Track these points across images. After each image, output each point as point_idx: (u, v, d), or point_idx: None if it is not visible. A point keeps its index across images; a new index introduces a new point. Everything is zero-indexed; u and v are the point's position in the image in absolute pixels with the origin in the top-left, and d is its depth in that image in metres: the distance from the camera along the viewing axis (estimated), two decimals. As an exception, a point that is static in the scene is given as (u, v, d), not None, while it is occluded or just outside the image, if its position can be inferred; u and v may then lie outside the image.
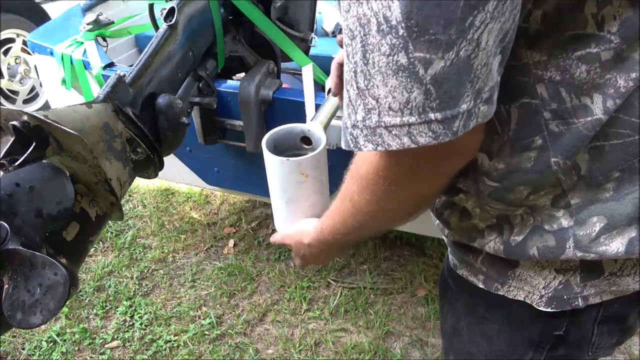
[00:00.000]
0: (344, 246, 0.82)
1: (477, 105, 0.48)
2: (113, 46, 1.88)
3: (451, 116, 0.47)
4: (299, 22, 1.54)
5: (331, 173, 0.96)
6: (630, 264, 0.63)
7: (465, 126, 0.48)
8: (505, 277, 0.70)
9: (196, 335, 1.81)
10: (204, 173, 1.74)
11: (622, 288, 0.65)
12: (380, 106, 0.48)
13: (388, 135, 0.49)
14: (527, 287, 0.69)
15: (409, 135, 0.48)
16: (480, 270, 0.73)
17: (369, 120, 0.49)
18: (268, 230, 2.27)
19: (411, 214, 0.66)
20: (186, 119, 1.05)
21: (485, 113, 0.50)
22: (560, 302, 0.67)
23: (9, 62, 3.03)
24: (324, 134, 0.91)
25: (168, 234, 2.27)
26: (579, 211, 0.60)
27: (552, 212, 0.62)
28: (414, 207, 0.64)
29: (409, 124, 0.48)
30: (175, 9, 1.10)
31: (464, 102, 0.47)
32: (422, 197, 0.62)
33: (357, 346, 1.76)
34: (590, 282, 0.65)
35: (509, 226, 0.65)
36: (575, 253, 0.61)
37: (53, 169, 0.68)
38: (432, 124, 0.47)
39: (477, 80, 0.47)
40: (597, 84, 0.53)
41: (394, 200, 0.60)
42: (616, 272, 0.64)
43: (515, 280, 0.69)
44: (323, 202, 0.94)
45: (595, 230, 0.60)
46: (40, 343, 1.79)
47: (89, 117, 0.75)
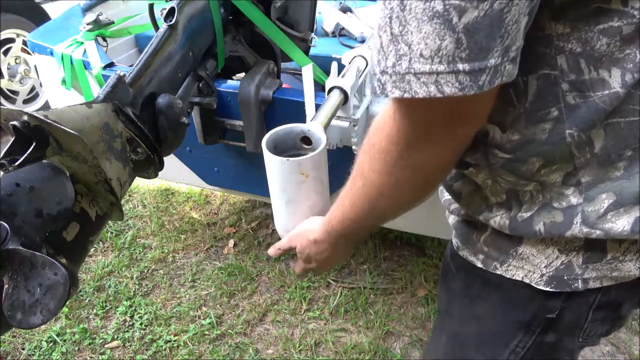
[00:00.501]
0: (351, 240, 0.80)
1: (504, 63, 0.48)
2: (113, 46, 1.88)
3: (479, 69, 0.47)
4: (299, 22, 1.54)
5: (331, 173, 0.96)
6: (634, 249, 0.64)
7: (490, 82, 0.48)
8: (506, 256, 0.71)
9: (196, 335, 1.81)
10: (204, 173, 1.74)
11: (624, 274, 0.65)
12: (412, 52, 0.48)
13: (416, 82, 0.49)
14: (527, 265, 0.70)
15: (436, 83, 0.48)
16: (482, 249, 0.74)
17: (399, 66, 0.50)
18: (268, 230, 2.27)
19: (422, 191, 0.65)
20: (186, 119, 1.05)
21: (510, 72, 0.50)
22: (560, 283, 0.68)
23: (9, 62, 3.03)
24: (324, 134, 0.91)
25: (168, 234, 2.27)
26: (589, 189, 0.61)
27: (562, 190, 0.63)
28: (425, 179, 0.63)
29: (437, 72, 0.48)
30: (175, 9, 1.10)
31: (493, 57, 0.47)
32: (433, 166, 0.61)
33: (357, 346, 1.76)
34: (593, 264, 0.66)
35: (518, 203, 0.66)
36: (582, 229, 0.62)
37: (53, 169, 0.68)
38: (459, 74, 0.47)
39: (506, 36, 0.47)
40: (616, 58, 0.53)
41: (405, 169, 0.60)
42: (619, 256, 0.65)
43: (516, 259, 0.70)
44: (323, 202, 0.93)
45: (603, 206, 0.61)
46: (40, 343, 1.79)
47: (89, 117, 0.75)
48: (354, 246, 0.85)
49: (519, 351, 0.75)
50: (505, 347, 0.76)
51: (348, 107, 1.17)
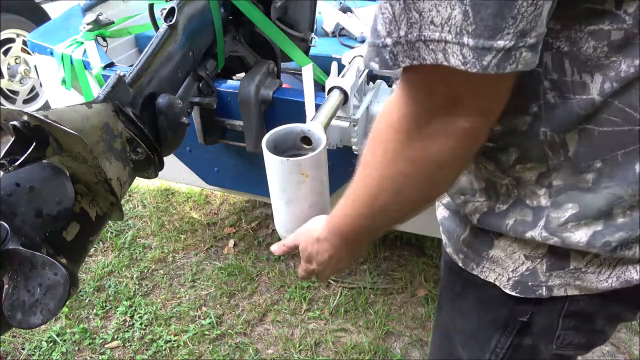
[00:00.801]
0: (353, 241, 0.75)
1: (519, 48, 0.45)
2: (113, 46, 1.88)
3: (482, 47, 0.45)
4: (299, 22, 1.54)
5: (331, 173, 0.96)
6: (597, 261, 0.64)
7: (499, 66, 0.46)
8: (480, 258, 0.72)
9: (196, 335, 1.81)
10: (204, 173, 1.74)
11: (587, 284, 0.65)
12: (423, 19, 0.47)
13: (425, 49, 0.48)
14: (498, 268, 0.70)
15: (444, 52, 0.47)
16: (461, 249, 0.75)
17: (410, 34, 0.48)
18: (268, 230, 2.27)
19: (427, 189, 0.61)
20: (186, 119, 1.05)
21: (528, 61, 0.47)
22: (525, 288, 0.69)
23: (9, 62, 3.03)
24: (324, 134, 0.91)
25: (168, 234, 2.27)
26: (558, 194, 0.61)
27: (535, 189, 0.63)
28: (429, 175, 0.58)
29: (445, 41, 0.46)
30: (175, 9, 1.10)
31: (502, 39, 0.45)
32: (435, 161, 0.56)
33: (357, 346, 1.76)
34: (556, 272, 0.66)
35: (495, 194, 0.67)
36: (542, 233, 0.63)
37: (53, 169, 0.68)
38: (464, 47, 0.46)
39: (520, 19, 0.44)
40: (601, 64, 0.53)
41: (406, 161, 0.57)
42: (581, 267, 0.65)
43: (489, 262, 0.71)
44: (323, 202, 0.93)
45: (565, 215, 0.61)
46: (40, 343, 1.79)
47: (89, 117, 0.75)
48: (357, 250, 0.80)
49: (498, 352, 0.76)
50: (486, 346, 0.77)
51: (348, 107, 1.17)
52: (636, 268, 0.63)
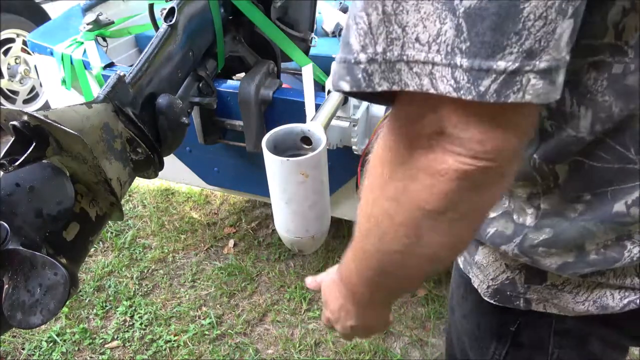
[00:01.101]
0: (356, 294, 0.63)
1: (526, 73, 0.36)
2: (113, 46, 1.88)
3: (479, 68, 0.36)
4: (299, 22, 1.54)
5: (331, 173, 0.96)
6: (574, 282, 0.62)
7: (499, 93, 0.37)
8: (470, 263, 0.71)
9: (196, 335, 1.81)
10: (204, 173, 1.74)
11: (564, 304, 0.64)
12: (406, 36, 0.39)
13: (408, 72, 0.40)
14: (481, 275, 0.69)
15: (431, 76, 0.39)
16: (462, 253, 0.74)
17: (390, 52, 0.40)
18: (268, 230, 2.27)
19: (413, 244, 0.48)
20: (186, 119, 1.05)
21: (539, 91, 0.37)
22: (503, 298, 0.68)
23: (9, 62, 3.03)
24: (324, 134, 0.91)
25: (168, 234, 2.27)
26: (544, 217, 0.59)
27: (524, 206, 0.61)
28: (410, 223, 0.47)
29: (433, 62, 0.38)
30: (175, 9, 1.11)
31: (503, 59, 0.36)
32: (416, 207, 0.45)
33: (357, 346, 1.76)
34: (533, 286, 0.65)
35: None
36: (514, 250, 0.61)
37: (53, 169, 0.68)
38: (456, 70, 0.37)
39: (526, 35, 0.36)
40: (595, 100, 0.49)
41: (391, 201, 0.47)
42: (558, 285, 0.64)
43: (476, 267, 0.70)
44: (323, 202, 0.94)
45: (539, 238, 0.59)
46: (40, 343, 1.79)
47: (89, 117, 0.75)
48: (371, 313, 0.67)
49: (497, 359, 0.75)
50: (487, 352, 0.76)
51: (348, 107, 1.17)
52: (613, 294, 0.61)
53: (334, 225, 1.24)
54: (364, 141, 1.31)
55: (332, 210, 1.05)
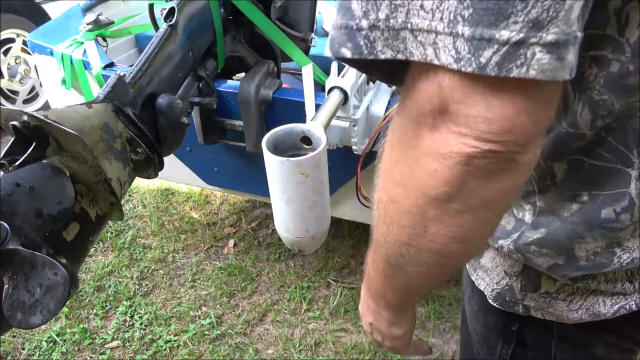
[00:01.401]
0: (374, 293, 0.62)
1: (531, 46, 0.33)
2: (113, 46, 1.88)
3: (480, 37, 0.34)
4: (299, 22, 1.54)
5: (331, 173, 0.96)
6: (568, 290, 0.62)
7: (501, 66, 0.34)
8: (475, 266, 0.72)
9: (196, 335, 1.81)
10: (204, 173, 1.74)
11: (558, 313, 0.64)
12: (411, 3, 0.37)
13: (413, 40, 0.37)
14: (487, 278, 0.70)
15: (434, 46, 0.36)
16: None
17: (393, 19, 0.37)
18: (268, 230, 2.27)
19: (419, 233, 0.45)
20: (186, 119, 1.05)
21: (544, 66, 0.34)
22: (504, 302, 0.68)
23: (9, 62, 3.03)
24: (324, 134, 0.91)
25: (168, 234, 2.27)
26: (540, 215, 0.59)
27: (522, 203, 0.61)
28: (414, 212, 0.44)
29: (436, 31, 0.36)
30: (175, 9, 1.10)
31: (507, 28, 0.33)
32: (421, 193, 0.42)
33: (357, 346, 1.76)
34: (530, 294, 0.66)
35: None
36: (510, 245, 0.61)
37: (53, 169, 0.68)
38: (457, 39, 0.35)
39: (533, 3, 0.33)
40: (594, 96, 0.47)
41: (397, 186, 0.45)
42: (552, 292, 0.64)
43: (481, 270, 0.71)
44: (323, 202, 0.93)
45: (533, 237, 0.59)
46: (40, 343, 1.79)
47: (89, 117, 0.75)
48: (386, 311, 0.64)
49: (504, 358, 0.75)
50: (494, 350, 0.76)
51: (348, 107, 1.17)
52: (605, 301, 0.61)
53: (334, 225, 1.24)
54: (364, 141, 1.31)
55: (332, 210, 1.05)
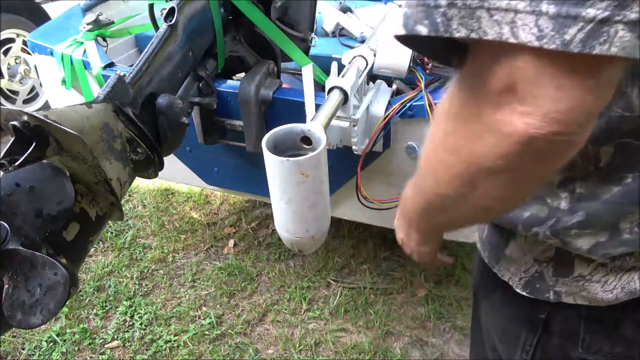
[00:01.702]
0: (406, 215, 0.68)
1: (614, 23, 0.35)
2: (113, 46, 1.88)
3: (566, 15, 0.35)
4: (299, 22, 1.54)
5: (331, 173, 0.96)
6: (603, 270, 0.62)
7: (584, 43, 0.35)
8: (498, 257, 0.72)
9: (196, 335, 1.81)
10: (204, 173, 1.74)
11: (592, 296, 0.64)
12: None
13: (488, 19, 0.38)
14: (512, 268, 0.70)
15: (512, 25, 0.37)
16: (486, 247, 0.75)
17: None
18: (268, 230, 2.27)
19: (467, 196, 0.50)
20: (186, 119, 1.05)
21: (626, 44, 0.35)
22: (534, 290, 0.68)
23: (9, 62, 3.03)
24: (324, 134, 0.91)
25: (168, 234, 2.27)
26: (579, 200, 0.59)
27: (557, 192, 0.61)
28: (465, 179, 0.48)
29: (515, 10, 0.37)
30: (175, 9, 1.11)
31: (593, 6, 0.35)
32: (475, 165, 0.46)
33: (357, 346, 1.76)
34: (562, 279, 0.66)
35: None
36: (545, 232, 0.61)
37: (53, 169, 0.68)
38: (541, 17, 0.36)
39: None
40: None
41: (449, 153, 0.49)
42: (586, 275, 0.64)
43: (505, 260, 0.71)
44: (323, 202, 0.93)
45: (573, 220, 0.59)
46: (40, 343, 1.79)
47: (89, 117, 0.75)
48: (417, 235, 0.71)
49: (528, 349, 0.75)
50: (517, 343, 0.76)
51: (348, 107, 1.17)
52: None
53: (334, 225, 1.24)
54: (364, 141, 1.31)
55: (332, 210, 1.05)
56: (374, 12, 2.16)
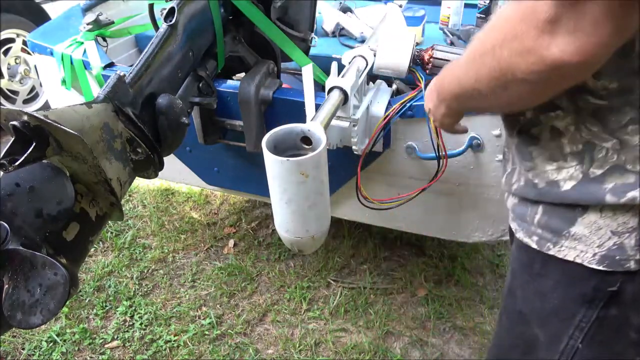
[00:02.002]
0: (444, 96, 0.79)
1: None
2: (113, 46, 1.88)
3: None
4: (299, 22, 1.54)
5: (331, 173, 0.96)
6: None
7: None
8: (558, 237, 0.73)
9: (196, 335, 1.81)
10: (204, 173, 1.74)
11: None
12: None
13: None
14: (580, 246, 0.71)
15: None
16: (535, 232, 0.76)
17: None
18: (268, 230, 2.27)
19: (498, 93, 0.61)
20: (186, 119, 1.05)
21: None
22: (612, 262, 0.69)
23: (9, 62, 3.03)
24: (324, 134, 0.91)
25: (168, 234, 2.27)
26: None
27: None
28: (501, 80, 0.59)
29: None
30: (175, 9, 1.11)
31: None
32: (511, 74, 0.56)
33: (357, 346, 1.76)
34: None
35: (590, 159, 0.67)
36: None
37: (53, 169, 0.68)
38: None
39: None
40: None
41: (493, 60, 0.58)
42: None
43: (569, 240, 0.72)
44: (323, 202, 0.94)
45: None
46: (40, 343, 1.79)
47: (89, 117, 0.75)
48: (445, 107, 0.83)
49: (583, 326, 0.76)
50: (569, 323, 0.77)
51: (348, 107, 1.17)
52: None
53: (334, 225, 1.24)
54: (364, 141, 1.31)
55: (332, 210, 1.05)
56: (374, 12, 2.16)
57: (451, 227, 1.54)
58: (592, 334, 0.76)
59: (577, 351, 0.78)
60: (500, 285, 1.98)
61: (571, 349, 0.78)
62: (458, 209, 1.47)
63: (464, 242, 1.60)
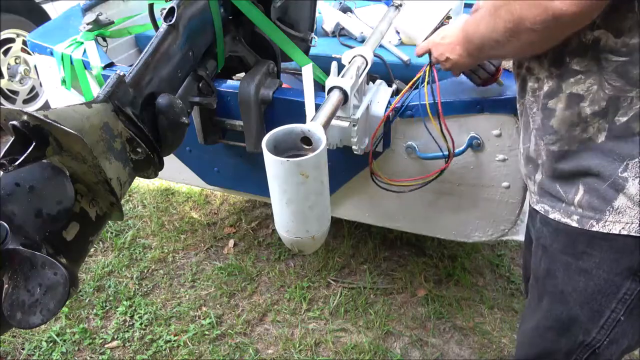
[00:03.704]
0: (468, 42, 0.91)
1: None
2: (113, 46, 1.88)
3: None
4: (299, 22, 1.54)
5: (331, 173, 0.96)
6: None
7: None
8: (601, 214, 0.76)
9: (196, 335, 1.81)
10: (204, 173, 1.74)
11: None
12: None
13: None
14: (625, 218, 0.75)
15: None
16: (575, 211, 0.79)
17: None
18: (268, 230, 2.27)
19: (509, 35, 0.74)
20: (186, 119, 1.05)
21: None
22: None
23: (9, 62, 3.03)
24: (324, 134, 0.91)
25: (168, 234, 2.27)
26: None
27: None
28: (514, 29, 0.72)
29: None
30: (176, 9, 1.11)
31: None
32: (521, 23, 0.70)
33: (357, 346, 1.76)
34: None
35: (615, 109, 0.74)
36: None
37: (53, 168, 0.68)
38: None
39: None
40: None
41: (507, 12, 0.71)
42: None
43: (613, 214, 0.75)
44: (323, 202, 0.93)
45: None
46: (40, 343, 1.79)
47: (89, 117, 0.75)
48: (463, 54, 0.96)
49: (626, 299, 0.79)
50: (613, 297, 0.80)
51: (348, 107, 1.17)
52: None
53: (334, 225, 1.24)
54: (364, 141, 1.31)
55: (332, 210, 1.05)
56: (374, 12, 2.16)
57: (451, 227, 1.54)
58: (634, 306, 0.79)
59: (618, 323, 0.81)
60: (500, 285, 1.98)
61: (612, 321, 0.82)
62: (458, 208, 1.47)
63: (463, 241, 1.60)
